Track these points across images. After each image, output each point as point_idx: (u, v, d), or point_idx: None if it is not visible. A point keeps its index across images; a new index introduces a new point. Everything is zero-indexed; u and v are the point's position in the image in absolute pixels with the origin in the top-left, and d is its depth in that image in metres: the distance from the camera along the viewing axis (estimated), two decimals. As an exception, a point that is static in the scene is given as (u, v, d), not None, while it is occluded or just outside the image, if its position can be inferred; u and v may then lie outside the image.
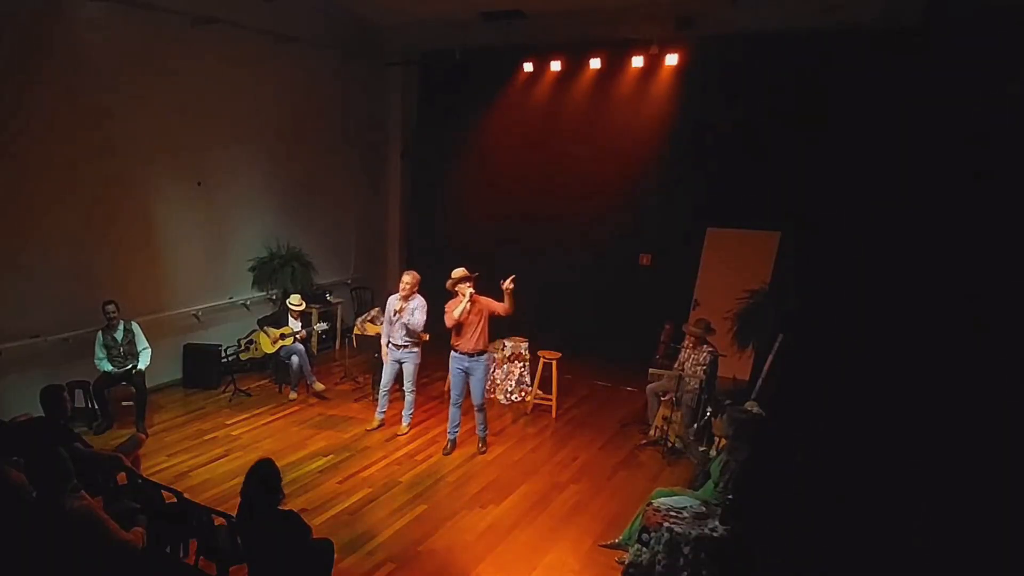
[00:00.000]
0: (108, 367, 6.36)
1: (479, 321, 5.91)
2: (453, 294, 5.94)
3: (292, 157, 8.82)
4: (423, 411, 7.21)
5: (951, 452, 3.95)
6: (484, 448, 6.37)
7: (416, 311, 6.20)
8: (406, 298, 6.23)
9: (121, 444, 5.07)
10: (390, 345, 6.45)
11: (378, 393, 6.82)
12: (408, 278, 6.25)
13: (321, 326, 7.86)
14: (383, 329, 6.61)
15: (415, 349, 6.42)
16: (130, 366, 6.47)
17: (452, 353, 6.11)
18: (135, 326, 6.59)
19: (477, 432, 6.39)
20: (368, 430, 6.70)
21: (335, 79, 9.23)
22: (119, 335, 6.44)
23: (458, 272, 5.86)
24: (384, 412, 6.75)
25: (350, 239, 10.09)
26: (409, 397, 6.63)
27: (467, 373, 6.07)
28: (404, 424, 6.69)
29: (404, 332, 6.29)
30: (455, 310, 5.86)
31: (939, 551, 3.52)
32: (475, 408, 6.26)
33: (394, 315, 6.28)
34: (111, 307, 6.35)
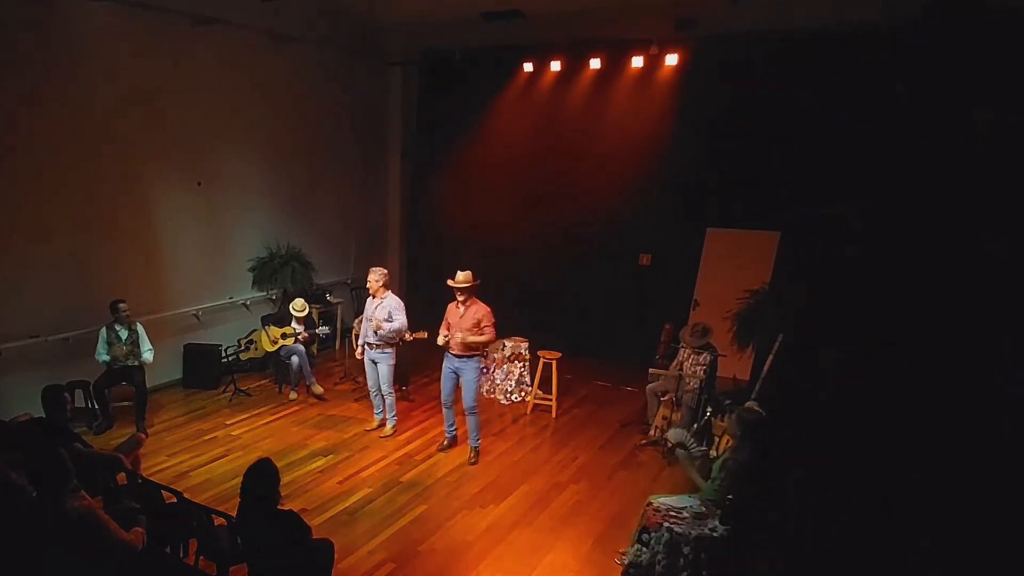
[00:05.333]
0: (106, 357, 6.32)
1: (468, 325, 5.73)
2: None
3: (292, 157, 8.82)
4: (422, 411, 7.21)
5: (953, 453, 3.94)
6: (475, 459, 6.06)
7: (395, 312, 6.05)
8: (376, 294, 6.09)
9: (121, 444, 5.08)
10: (364, 345, 6.32)
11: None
12: (375, 276, 6.07)
13: (323, 330, 7.82)
14: (360, 329, 6.46)
15: (388, 350, 6.24)
16: (130, 365, 6.45)
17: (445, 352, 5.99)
18: (140, 328, 6.59)
19: (469, 441, 6.14)
20: (367, 430, 6.69)
21: (335, 79, 9.23)
22: (124, 333, 6.44)
23: (461, 276, 5.75)
24: (381, 413, 6.71)
25: (350, 239, 10.09)
26: (389, 400, 6.48)
27: (456, 374, 5.95)
28: (388, 427, 6.57)
29: (377, 334, 6.14)
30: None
31: (943, 551, 3.52)
32: (466, 412, 6.02)
33: (374, 311, 6.12)
34: (123, 305, 6.39)
